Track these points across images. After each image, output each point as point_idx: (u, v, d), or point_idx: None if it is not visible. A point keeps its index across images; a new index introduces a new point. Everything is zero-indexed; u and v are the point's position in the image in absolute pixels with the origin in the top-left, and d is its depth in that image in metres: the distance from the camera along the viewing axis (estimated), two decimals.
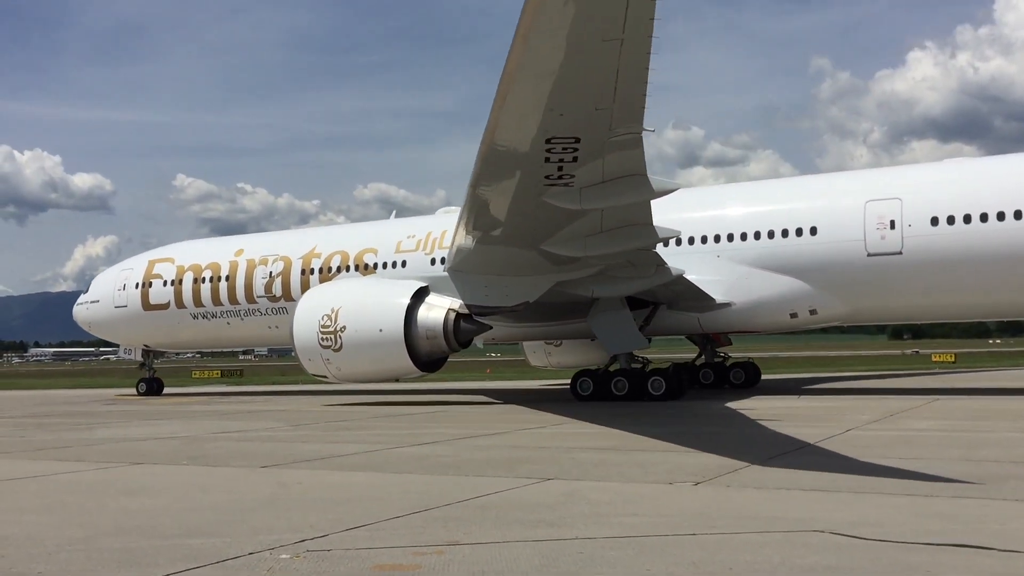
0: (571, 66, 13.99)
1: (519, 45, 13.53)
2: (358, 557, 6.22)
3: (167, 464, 12.26)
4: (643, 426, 16.06)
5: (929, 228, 22.01)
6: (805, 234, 23.30)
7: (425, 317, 23.03)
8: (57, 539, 7.04)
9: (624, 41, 13.27)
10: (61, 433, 17.78)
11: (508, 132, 15.89)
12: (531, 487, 9.19)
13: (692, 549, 6.27)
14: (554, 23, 13.10)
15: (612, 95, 14.58)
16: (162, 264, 32.12)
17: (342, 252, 28.71)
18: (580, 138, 15.80)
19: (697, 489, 8.87)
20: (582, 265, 20.97)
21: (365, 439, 15.06)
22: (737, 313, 24.02)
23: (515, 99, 14.91)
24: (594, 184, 17.30)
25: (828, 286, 23.24)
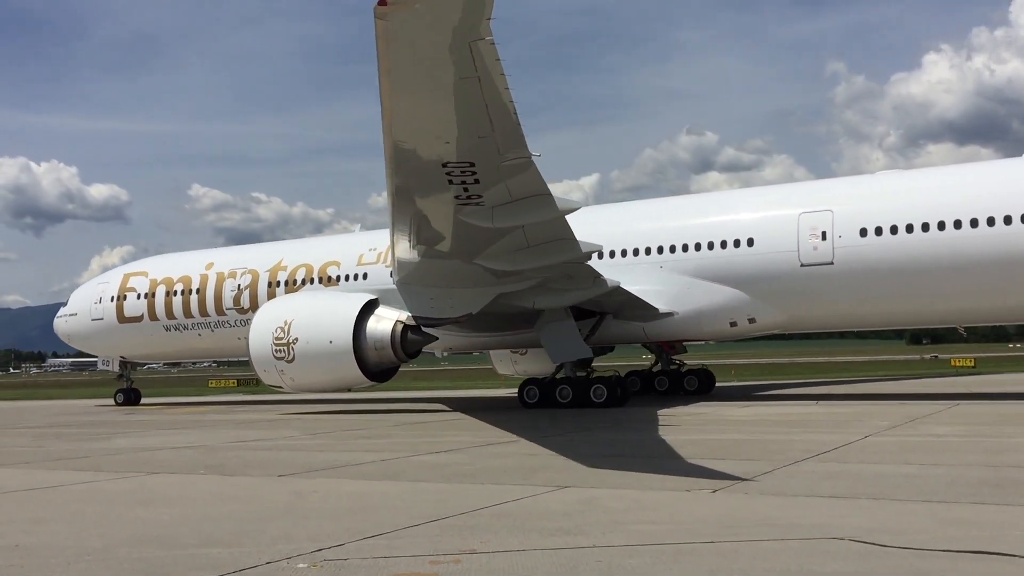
0: (439, 101, 15.21)
1: (384, 82, 14.83)
2: (375, 566, 6.22)
3: (184, 473, 12.30)
4: (655, 434, 16.02)
5: (858, 239, 22.68)
6: (743, 245, 24.09)
7: (374, 329, 23.66)
8: (76, 549, 7.08)
9: (480, 79, 14.39)
10: (79, 443, 17.88)
11: (404, 159, 17.10)
12: (548, 495, 9.17)
13: (710, 557, 6.24)
14: (409, 64, 14.37)
15: (490, 125, 15.61)
16: (136, 278, 33.03)
17: (307, 265, 29.49)
18: (474, 163, 16.86)
19: (715, 496, 8.83)
20: (521, 278, 21.74)
21: (382, 447, 15.07)
22: (680, 322, 24.79)
23: (399, 130, 16.27)
24: (503, 204, 18.35)
25: (765, 295, 23.97)
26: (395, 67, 14.48)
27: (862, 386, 33.09)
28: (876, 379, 39.29)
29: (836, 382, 37.08)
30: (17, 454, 15.94)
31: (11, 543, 7.38)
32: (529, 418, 20.15)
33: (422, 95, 15.22)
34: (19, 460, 14.76)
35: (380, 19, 13.27)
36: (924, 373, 46.38)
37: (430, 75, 14.63)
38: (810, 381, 38.36)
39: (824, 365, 62.55)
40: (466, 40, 13.60)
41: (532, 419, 19.93)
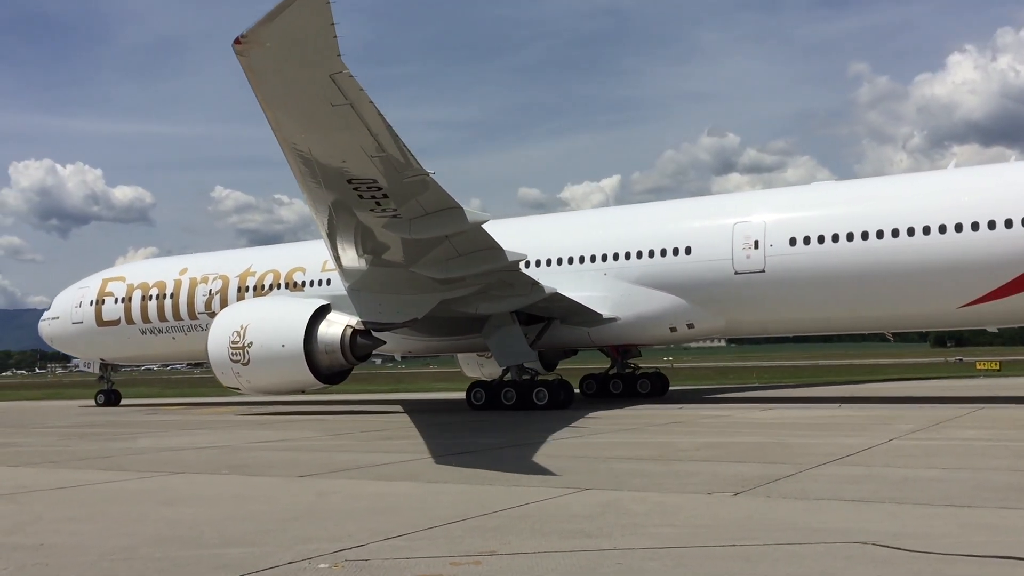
0: (321, 126, 16.10)
1: (266, 111, 15.86)
2: (396, 567, 6.23)
3: (207, 474, 12.38)
4: (675, 437, 15.98)
5: (788, 248, 23.69)
6: (681, 254, 25.09)
7: (325, 333, 24.49)
8: (100, 548, 7.14)
9: (353, 104, 15.10)
10: (103, 443, 18.04)
11: (311, 175, 18.04)
12: (568, 497, 9.15)
13: (732, 560, 6.20)
14: (282, 93, 15.30)
15: (378, 145, 16.45)
16: (114, 283, 34.26)
17: (274, 271, 30.66)
18: (376, 180, 17.82)
19: (736, 499, 8.78)
20: (462, 285, 22.90)
21: (402, 448, 15.10)
22: (622, 327, 25.79)
23: (295, 151, 17.25)
24: (419, 216, 19.42)
25: (702, 302, 24.95)
26: (270, 97, 15.55)
27: (885, 389, 32.79)
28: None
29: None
30: (43, 454, 16.11)
31: (36, 542, 7.46)
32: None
33: (304, 121, 16.16)
34: (45, 460, 14.92)
35: (240, 55, 14.14)
36: (949, 376, 45.95)
37: (304, 103, 15.45)
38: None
39: (846, 368, 62.10)
40: (325, 73, 14.32)
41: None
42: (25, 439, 19.85)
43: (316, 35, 13.47)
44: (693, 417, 20.45)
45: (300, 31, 13.52)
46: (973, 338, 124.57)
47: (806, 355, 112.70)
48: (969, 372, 50.38)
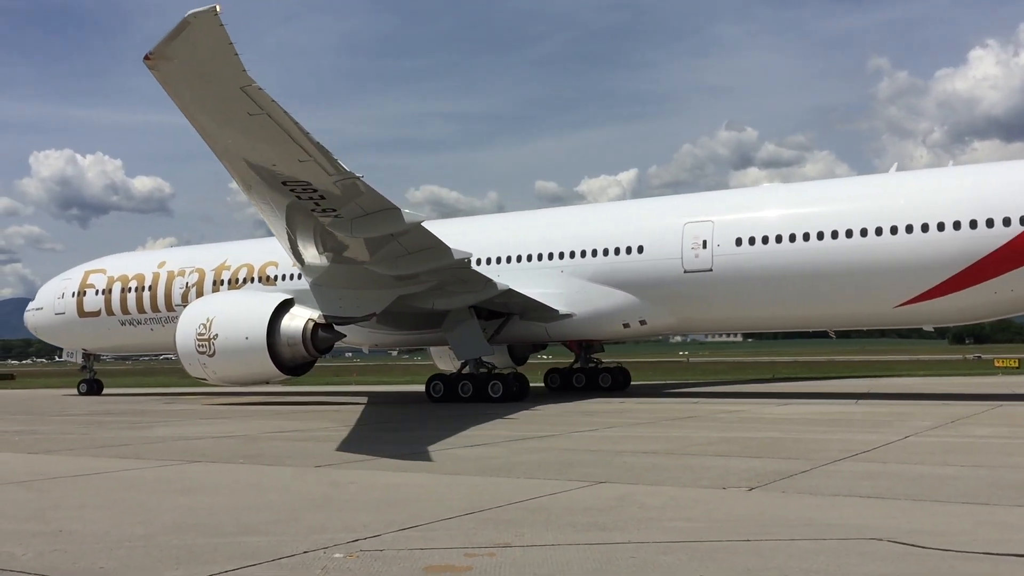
0: (243, 133, 16.73)
1: (190, 119, 16.59)
2: (411, 557, 6.27)
3: (223, 463, 12.46)
4: (691, 432, 15.97)
5: (734, 248, 24.56)
6: (633, 252, 25.92)
7: (287, 326, 25.15)
8: (118, 535, 7.21)
9: (269, 113, 15.73)
10: (122, 431, 18.19)
11: (249, 176, 18.76)
12: (583, 490, 9.17)
13: (746, 555, 6.20)
14: (200, 104, 16.01)
15: (302, 150, 17.05)
16: (95, 275, 35.10)
17: (248, 265, 31.55)
18: (310, 182, 18.42)
19: (751, 494, 8.77)
20: (417, 281, 23.87)
21: (417, 440, 15.15)
22: (578, 323, 26.69)
23: (228, 154, 18.09)
24: (359, 216, 20.14)
25: (654, 299, 25.80)
26: (191, 107, 16.24)
27: (902, 385, 32.61)
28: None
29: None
30: (63, 441, 16.26)
31: (55, 528, 7.54)
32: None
33: (227, 128, 16.81)
34: (65, 447, 15.07)
35: (151, 69, 14.76)
36: (967, 372, 45.64)
37: (223, 112, 16.10)
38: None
39: (863, 364, 61.81)
40: (236, 85, 14.90)
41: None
42: (44, 427, 20.04)
43: (217, 52, 14.04)
44: (708, 412, 20.42)
45: (202, 49, 14.08)
46: (993, 335, 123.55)
47: (824, 351, 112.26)
48: (987, 369, 50.04)
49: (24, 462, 13.10)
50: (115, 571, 6.00)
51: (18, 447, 15.27)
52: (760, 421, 17.93)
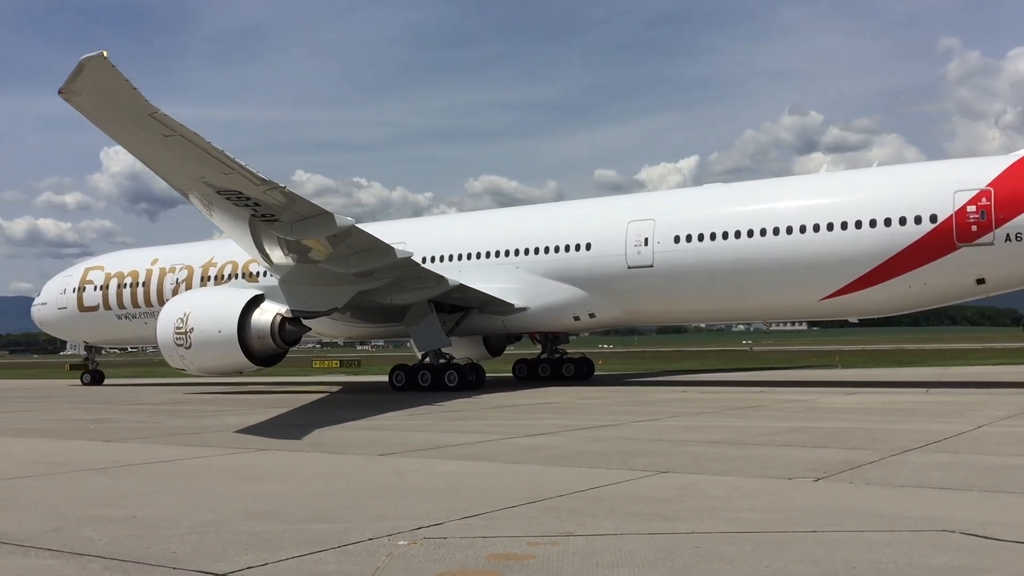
0: (165, 152, 18.32)
1: (121, 144, 18.28)
2: (473, 545, 6.31)
3: (291, 451, 12.69)
4: (756, 421, 15.77)
5: (673, 245, 26.23)
6: (582, 249, 27.67)
7: (257, 320, 26.63)
8: (189, 521, 7.40)
9: (181, 134, 17.23)
10: (191, 420, 18.64)
11: (188, 184, 20.32)
12: (645, 480, 9.13)
13: (812, 546, 6.11)
14: (119, 129, 17.48)
15: (223, 164, 18.60)
16: (94, 271, 37.35)
17: (233, 262, 33.30)
18: (241, 191, 19.95)
19: (818, 485, 8.64)
20: (373, 278, 25.51)
21: (479, 429, 15.25)
22: (532, 316, 28.53)
23: (162, 167, 19.78)
24: (298, 221, 21.79)
25: (601, 294, 27.50)
26: (113, 133, 17.71)
27: (975, 374, 31.74)
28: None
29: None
30: (136, 430, 16.73)
31: (130, 514, 7.76)
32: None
33: (149, 149, 18.46)
34: (138, 436, 15.49)
35: (67, 102, 16.05)
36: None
37: (140, 136, 17.63)
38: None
39: (934, 352, 60.33)
40: (144, 113, 16.36)
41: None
42: (117, 415, 20.63)
43: (117, 87, 15.50)
44: (773, 401, 20.15)
45: (103, 85, 15.58)
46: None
47: (892, 339, 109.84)
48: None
49: (99, 450, 13.52)
50: (187, 556, 6.16)
51: (94, 435, 15.76)
52: (827, 411, 17.64)
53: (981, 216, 22.82)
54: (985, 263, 23.12)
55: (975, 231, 22.86)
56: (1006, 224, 22.60)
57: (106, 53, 14.94)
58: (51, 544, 6.58)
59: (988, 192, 22.94)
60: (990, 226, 22.73)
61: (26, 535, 6.90)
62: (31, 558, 6.23)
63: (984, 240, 22.80)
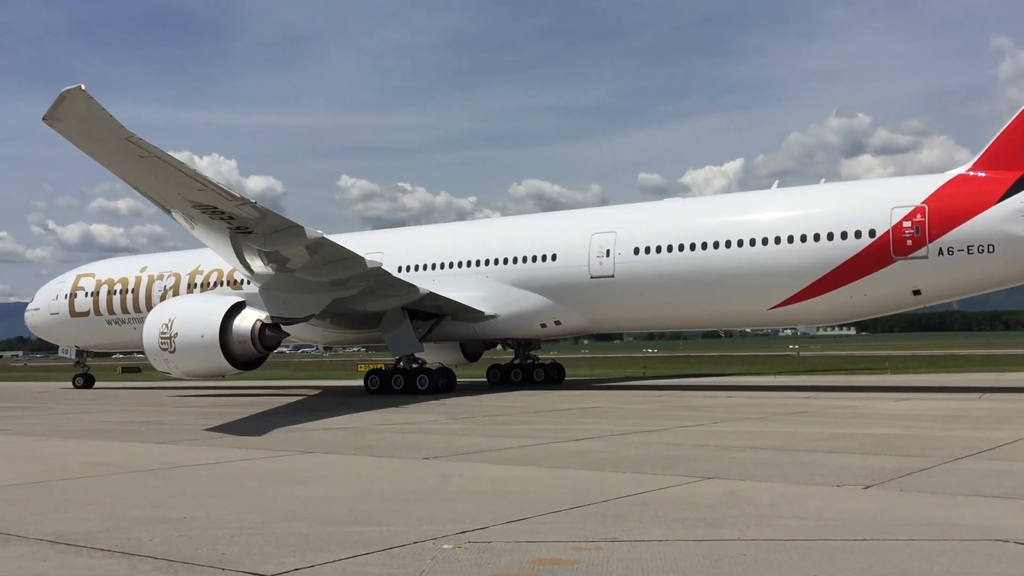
0: (143, 172, 19.86)
1: (105, 166, 19.60)
2: (518, 550, 6.31)
3: (335, 454, 12.80)
4: (801, 428, 15.55)
5: (632, 256, 27.72)
6: (548, 260, 29.19)
7: (238, 326, 27.59)
8: (238, 523, 7.49)
9: (157, 156, 18.74)
10: (238, 422, 18.83)
11: (168, 201, 21.94)
12: (691, 486, 9.06)
13: (862, 555, 6.01)
14: (100, 152, 18.94)
15: (197, 181, 20.19)
16: (85, 278, 38.68)
17: (218, 270, 34.62)
18: (215, 206, 21.60)
19: (867, 492, 8.50)
20: (347, 286, 27.02)
21: (522, 433, 15.24)
22: (501, 323, 29.96)
23: (142, 185, 21.20)
24: (271, 233, 23.50)
25: (566, 302, 28.96)
26: (94, 154, 19.14)
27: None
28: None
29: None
30: (185, 431, 16.99)
31: (180, 515, 7.89)
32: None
33: (128, 169, 19.93)
34: (187, 437, 15.74)
35: (51, 127, 17.61)
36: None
37: (118, 157, 19.14)
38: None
39: (986, 357, 59.04)
40: (120, 137, 17.90)
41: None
42: (167, 418, 20.97)
43: (95, 115, 17.10)
44: (821, 407, 19.89)
45: (82, 113, 17.19)
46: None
47: (944, 343, 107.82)
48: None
49: (150, 451, 13.75)
50: (235, 557, 6.24)
51: (145, 437, 16.04)
52: (876, 417, 17.35)
53: (916, 231, 24.20)
54: (920, 275, 24.39)
55: (910, 245, 24.21)
56: (939, 239, 23.88)
57: (84, 86, 16.62)
58: (103, 544, 6.70)
59: (923, 208, 24.31)
60: (924, 240, 24.09)
61: (79, 535, 7.04)
62: (84, 558, 6.36)
63: (919, 254, 24.12)
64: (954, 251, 23.73)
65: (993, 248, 23.47)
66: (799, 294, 25.62)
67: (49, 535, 7.07)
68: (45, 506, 8.63)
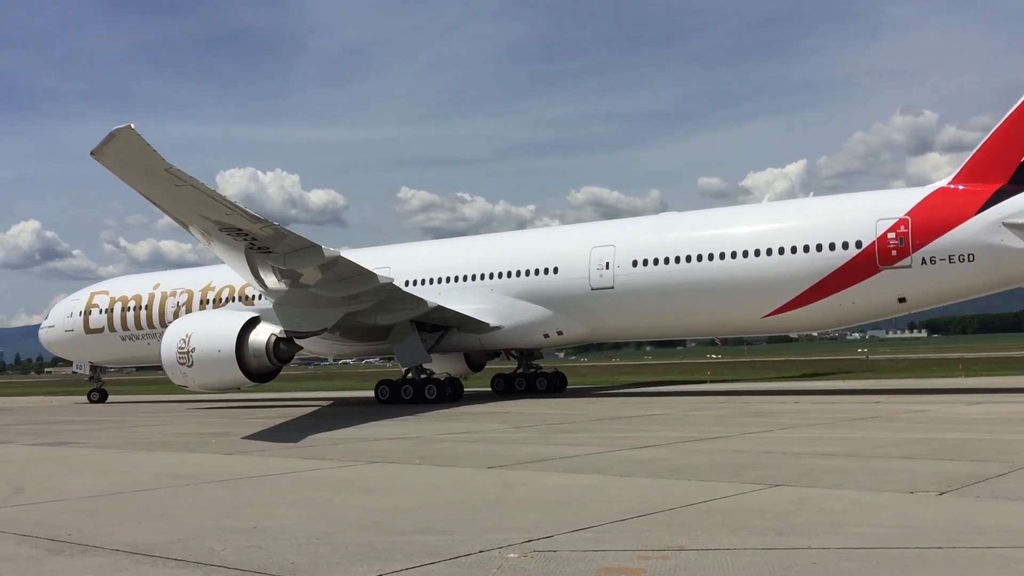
0: (179, 199, 21.55)
1: (142, 193, 21.57)
2: (583, 559, 6.29)
3: (401, 463, 12.90)
4: (871, 433, 15.20)
5: (631, 268, 28.87)
6: (550, 273, 30.30)
7: (253, 340, 28.70)
8: (306, 532, 7.61)
9: (191, 184, 20.41)
10: (306, 432, 19.13)
11: (195, 222, 23.46)
12: (757, 493, 8.93)
13: (937, 564, 5.86)
14: (140, 181, 20.93)
15: (226, 207, 21.72)
16: (99, 295, 39.81)
17: (230, 286, 35.71)
18: (240, 228, 23.06)
19: (942, 499, 8.28)
20: (360, 301, 28.09)
21: (586, 441, 15.19)
22: (506, 334, 31.01)
23: (171, 207, 22.83)
24: (290, 252, 24.65)
25: (567, 313, 30.04)
26: (136, 183, 21.06)
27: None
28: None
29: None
30: (255, 443, 17.28)
31: (250, 525, 8.03)
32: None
33: (161, 194, 21.65)
34: (256, 448, 16.01)
35: (97, 161, 19.43)
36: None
37: (157, 186, 20.93)
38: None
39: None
40: (160, 168, 19.56)
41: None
42: (237, 429, 21.35)
43: (141, 149, 18.79)
44: (891, 412, 19.44)
45: (129, 148, 18.84)
46: None
47: (1018, 344, 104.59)
48: None
49: (220, 463, 14.04)
50: (304, 567, 6.33)
51: (216, 448, 16.38)
52: (950, 421, 16.91)
53: (900, 242, 25.44)
54: (905, 284, 25.62)
55: (895, 255, 25.42)
56: (922, 249, 25.11)
57: (133, 125, 18.24)
58: (177, 554, 6.86)
59: (906, 220, 25.53)
60: (908, 251, 25.31)
61: (153, 545, 7.22)
62: (159, 567, 6.52)
63: (903, 263, 25.34)
64: (936, 260, 24.98)
65: (973, 257, 24.68)
66: (791, 303, 26.87)
67: (125, 545, 7.26)
68: (121, 517, 8.87)
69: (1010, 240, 24.34)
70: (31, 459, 15.75)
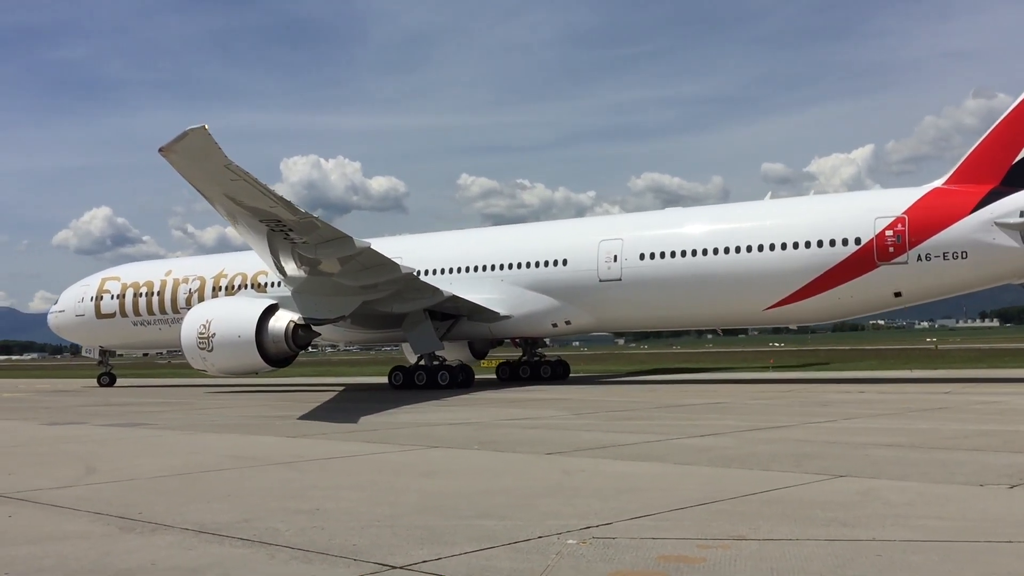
0: (233, 192, 22.82)
1: (198, 189, 23.23)
2: (643, 546, 6.27)
3: (461, 448, 13.01)
4: (939, 424, 14.86)
5: (639, 261, 30.13)
6: (560, 264, 31.60)
7: (272, 326, 30.15)
8: (368, 515, 7.72)
9: (244, 179, 21.86)
10: (369, 417, 19.39)
11: (237, 215, 24.87)
12: (821, 484, 8.80)
13: (1009, 558, 5.71)
14: (201, 177, 22.48)
15: (270, 200, 23.28)
16: (111, 281, 40.72)
17: (243, 274, 36.75)
18: (280, 219, 24.46)
19: (1013, 493, 8.07)
20: (377, 290, 29.31)
21: (646, 429, 15.13)
22: (515, 323, 32.27)
23: (225, 207, 24.27)
24: (322, 243, 26.00)
25: (575, 303, 31.33)
26: (195, 179, 22.62)
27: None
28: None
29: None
30: (318, 426, 17.58)
31: (313, 507, 8.18)
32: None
33: (222, 189, 22.90)
34: (320, 431, 16.29)
35: (164, 158, 20.73)
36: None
37: (215, 180, 22.38)
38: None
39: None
40: (221, 164, 20.95)
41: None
42: (299, 412, 21.72)
43: (207, 147, 20.20)
44: (961, 403, 18.98)
45: (196, 145, 20.22)
46: None
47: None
48: None
49: (285, 445, 14.31)
50: (366, 549, 6.43)
51: (280, 431, 16.70)
52: (1021, 413, 16.43)
53: (897, 239, 26.71)
54: (901, 279, 26.94)
55: (892, 252, 26.74)
56: (918, 246, 26.43)
57: (207, 126, 19.49)
58: (243, 534, 7.02)
59: (903, 219, 26.82)
60: (905, 248, 26.62)
61: (219, 525, 7.40)
62: (225, 547, 6.68)
63: (900, 260, 26.65)
64: (931, 257, 26.32)
65: (966, 254, 26.05)
66: (791, 296, 28.14)
67: (193, 524, 7.45)
68: (189, 497, 9.11)
69: (1001, 239, 25.62)
70: (104, 440, 16.23)
